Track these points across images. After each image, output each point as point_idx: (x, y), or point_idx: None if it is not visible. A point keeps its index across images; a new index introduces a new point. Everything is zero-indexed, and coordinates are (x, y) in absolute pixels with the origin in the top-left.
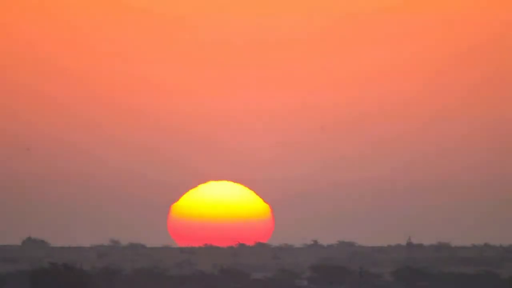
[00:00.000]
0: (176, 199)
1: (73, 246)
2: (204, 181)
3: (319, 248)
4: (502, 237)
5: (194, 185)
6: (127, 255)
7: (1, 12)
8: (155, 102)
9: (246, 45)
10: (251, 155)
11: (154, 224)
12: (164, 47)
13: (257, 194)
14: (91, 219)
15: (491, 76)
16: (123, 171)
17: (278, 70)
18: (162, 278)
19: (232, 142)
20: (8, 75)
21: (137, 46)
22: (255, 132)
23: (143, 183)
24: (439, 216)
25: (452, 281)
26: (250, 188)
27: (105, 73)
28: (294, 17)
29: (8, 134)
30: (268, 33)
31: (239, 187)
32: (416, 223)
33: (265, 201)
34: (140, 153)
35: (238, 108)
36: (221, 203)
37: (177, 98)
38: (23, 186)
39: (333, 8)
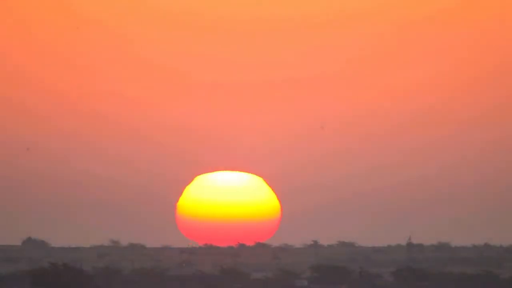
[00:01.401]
0: (177, 194)
1: (73, 246)
2: (209, 171)
3: (319, 248)
4: (502, 237)
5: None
6: (127, 255)
7: None
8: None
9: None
10: (256, 150)
11: (154, 224)
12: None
13: (274, 190)
14: (91, 219)
15: None
16: (123, 171)
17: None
18: (162, 278)
19: (237, 138)
20: None
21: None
22: (259, 129)
23: (143, 182)
24: (439, 216)
25: (452, 281)
26: (268, 183)
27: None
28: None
29: (8, 134)
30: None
31: (258, 179)
32: (416, 223)
33: (278, 198)
34: (140, 152)
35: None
36: (232, 200)
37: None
38: (23, 186)
39: (373, 23)
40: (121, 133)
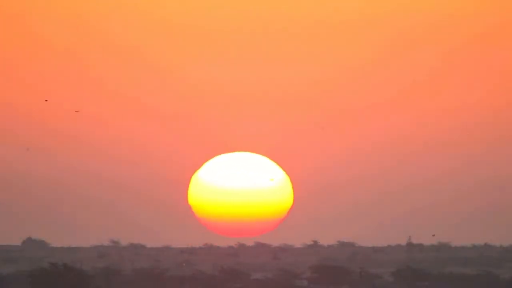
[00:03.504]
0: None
1: (73, 246)
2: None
3: (319, 248)
4: (502, 237)
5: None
6: (127, 255)
7: None
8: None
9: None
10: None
11: (154, 224)
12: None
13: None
14: (91, 219)
15: None
16: (123, 171)
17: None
18: (162, 278)
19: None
20: None
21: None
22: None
23: (143, 182)
24: (439, 216)
25: (452, 281)
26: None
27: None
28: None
29: (8, 134)
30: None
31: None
32: (416, 223)
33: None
34: (140, 152)
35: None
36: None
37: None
38: (23, 186)
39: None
40: (121, 132)
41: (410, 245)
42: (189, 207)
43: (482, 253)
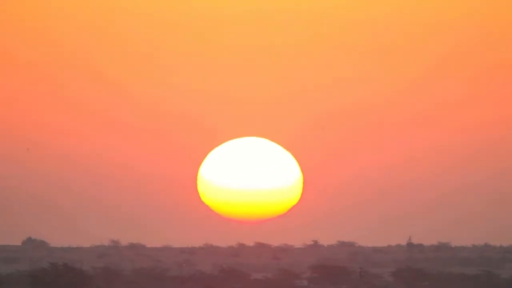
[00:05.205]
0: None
1: (73, 246)
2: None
3: (319, 248)
4: (502, 237)
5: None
6: (127, 255)
7: None
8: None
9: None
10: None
11: (154, 224)
12: None
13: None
14: (91, 219)
15: None
16: (123, 170)
17: None
18: (162, 278)
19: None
20: None
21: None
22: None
23: (143, 182)
24: (439, 216)
25: (452, 281)
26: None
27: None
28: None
29: (8, 134)
30: None
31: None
32: (416, 223)
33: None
34: (140, 151)
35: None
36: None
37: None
38: (23, 186)
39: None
40: (120, 132)
41: (410, 245)
42: (204, 205)
43: (482, 253)
